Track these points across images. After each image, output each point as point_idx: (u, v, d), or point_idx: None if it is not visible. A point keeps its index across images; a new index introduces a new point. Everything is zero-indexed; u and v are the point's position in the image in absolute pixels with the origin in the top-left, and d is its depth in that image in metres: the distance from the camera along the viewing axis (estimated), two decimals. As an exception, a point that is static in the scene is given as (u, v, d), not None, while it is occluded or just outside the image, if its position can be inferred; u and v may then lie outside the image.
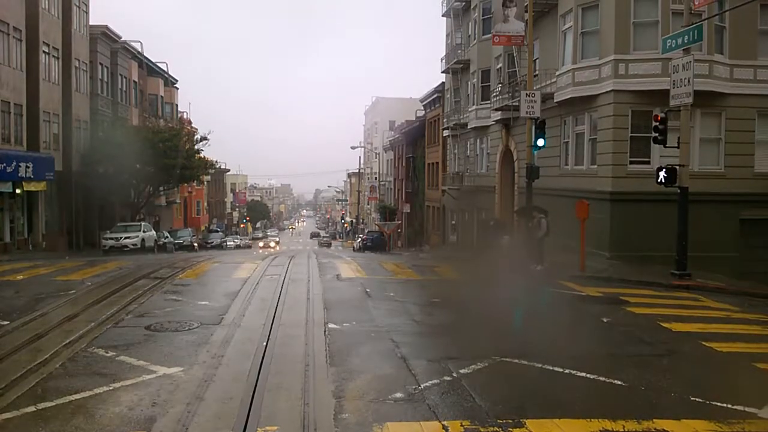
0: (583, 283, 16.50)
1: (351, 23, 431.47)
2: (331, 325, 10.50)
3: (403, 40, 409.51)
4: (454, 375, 7.77)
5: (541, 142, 20.23)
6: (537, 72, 27.19)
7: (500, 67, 31.68)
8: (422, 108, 57.42)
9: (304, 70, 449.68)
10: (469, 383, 7.47)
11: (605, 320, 11.86)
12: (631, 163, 21.27)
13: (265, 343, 9.20)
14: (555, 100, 24.15)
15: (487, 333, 10.42)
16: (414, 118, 63.13)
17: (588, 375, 8.00)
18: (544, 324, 11.48)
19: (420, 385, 7.34)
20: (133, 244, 33.86)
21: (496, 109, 30.56)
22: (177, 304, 12.52)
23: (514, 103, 27.50)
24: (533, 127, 20.64)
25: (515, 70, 29.29)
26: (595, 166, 22.32)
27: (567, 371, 8.11)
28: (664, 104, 18.89)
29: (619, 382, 7.79)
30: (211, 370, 7.90)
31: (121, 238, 34.00)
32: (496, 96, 30.76)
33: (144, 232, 35.65)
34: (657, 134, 17.45)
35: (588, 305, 13.51)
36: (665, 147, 17.55)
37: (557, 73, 24.15)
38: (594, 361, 8.80)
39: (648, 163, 21.09)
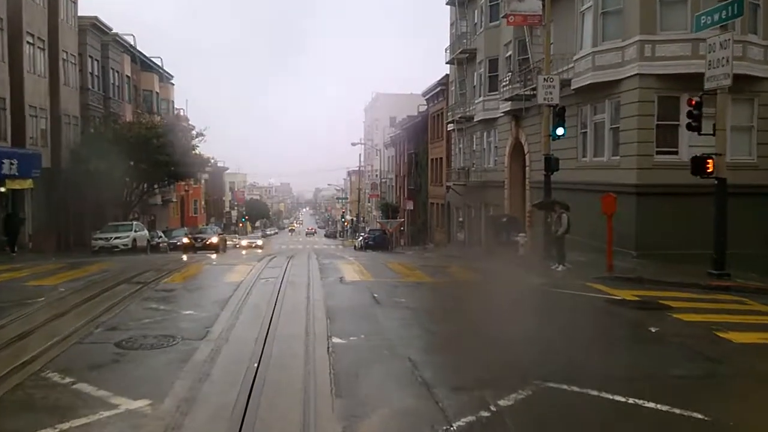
0: (614, 285, 14.85)
1: (350, 19, 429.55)
2: (335, 340, 8.87)
3: (402, 35, 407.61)
4: (493, 408, 6.13)
5: (560, 131, 18.64)
6: (551, 58, 25.53)
7: (510, 55, 30.03)
8: (424, 102, 55.72)
9: (303, 68, 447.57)
10: (514, 421, 5.85)
11: (653, 330, 10.22)
12: (658, 153, 19.64)
13: (256, 365, 7.58)
14: (572, 87, 22.50)
15: (521, 349, 8.80)
16: (416, 114, 61.42)
17: (659, 406, 6.36)
18: (585, 335, 9.87)
19: (452, 425, 5.72)
20: (123, 245, 32.24)
21: (506, 99, 28.91)
22: (157, 314, 10.89)
23: (526, 92, 25.88)
24: (551, 115, 19.00)
25: (527, 57, 27.65)
26: (618, 158, 20.68)
27: (631, 401, 6.48)
28: (693, 89, 17.35)
29: (699, 416, 6.16)
30: (186, 404, 6.27)
31: (111, 238, 32.37)
32: (506, 86, 29.11)
33: (135, 231, 34.02)
34: (691, 120, 15.81)
35: (627, 311, 11.87)
36: (699, 134, 15.91)
37: (574, 58, 22.50)
38: (658, 385, 7.17)
39: (676, 153, 19.49)
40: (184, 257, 26.42)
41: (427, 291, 14.03)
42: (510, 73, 28.80)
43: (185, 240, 38.37)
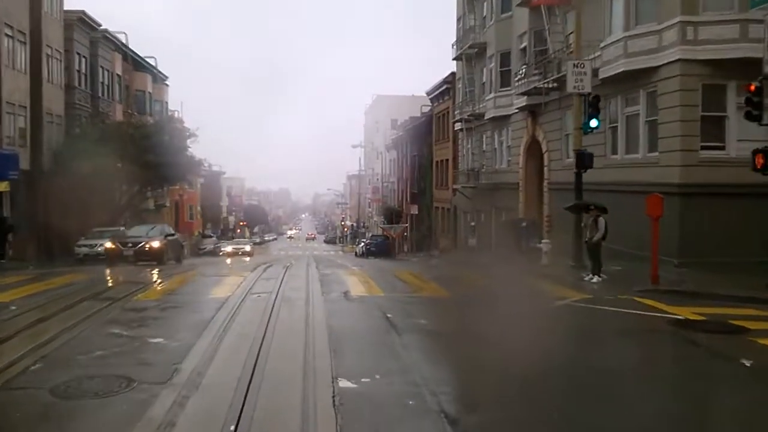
0: (667, 301, 12.58)
1: (349, 21, 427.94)
2: (342, 384, 6.61)
3: (402, 37, 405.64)
4: None
5: (594, 122, 16.50)
6: (570, 48, 23.36)
7: (524, 47, 27.85)
8: (427, 103, 53.53)
9: (302, 72, 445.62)
10: None
11: (747, 363, 8.00)
12: (702, 148, 17.41)
13: (233, 428, 5.35)
14: (599, 77, 20.24)
15: (595, 398, 6.55)
16: (419, 114, 59.17)
17: None
18: (667, 375, 7.63)
19: None
20: (109, 252, 29.95)
21: (522, 93, 26.70)
22: (117, 342, 8.64)
23: (546, 85, 23.67)
24: (583, 105, 16.79)
25: (545, 48, 25.49)
26: (656, 154, 18.46)
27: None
28: (741, 77, 15.18)
29: None
30: None
31: (96, 245, 30.08)
32: (521, 79, 26.91)
33: (123, 238, 31.65)
34: (751, 108, 13.59)
35: (700, 337, 9.61)
36: (761, 125, 13.68)
37: (602, 45, 20.29)
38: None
39: (722, 148, 17.29)
40: (108, 273, 19.13)
41: (449, 309, 11.77)
42: (525, 66, 26.59)
43: (108, 245, 25.05)
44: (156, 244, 24.66)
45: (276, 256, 63.63)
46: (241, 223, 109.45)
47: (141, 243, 24.52)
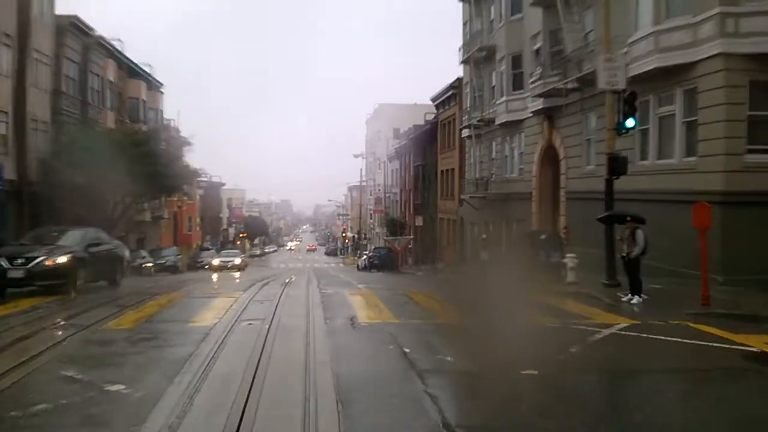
0: (727, 327, 10.72)
1: (349, 29, 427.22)
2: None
3: (405, 45, 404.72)
4: None
5: (631, 122, 14.75)
6: (590, 46, 21.68)
7: (538, 48, 26.17)
8: (432, 110, 51.85)
9: (304, 83, 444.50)
10: None
11: None
12: (749, 151, 15.63)
13: None
14: (628, 75, 18.46)
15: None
16: (423, 123, 57.42)
17: None
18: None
19: None
20: (97, 268, 28.07)
21: (538, 96, 24.97)
22: (67, 391, 6.81)
23: (566, 86, 21.95)
24: (617, 104, 15.02)
25: (560, 49, 23.81)
26: (694, 158, 16.69)
27: None
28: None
29: None
30: None
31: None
32: (536, 81, 25.19)
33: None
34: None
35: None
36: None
37: (629, 40, 18.54)
38: None
39: (771, 151, 15.51)
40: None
41: (477, 340, 9.89)
42: (541, 67, 24.87)
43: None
44: (62, 259, 15.50)
45: (275, 269, 61.85)
46: (242, 235, 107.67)
47: (37, 259, 15.35)
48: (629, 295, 13.78)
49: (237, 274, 33.45)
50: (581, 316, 11.76)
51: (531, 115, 27.23)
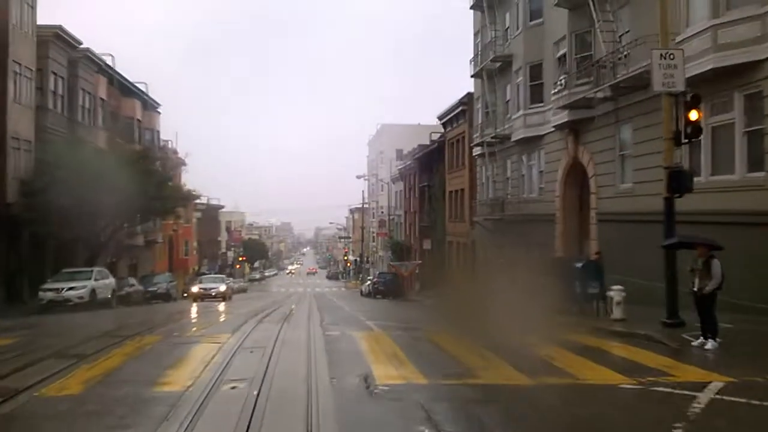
0: None
1: (351, 52, 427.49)
2: None
3: (407, 66, 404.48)
4: None
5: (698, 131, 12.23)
6: (623, 50, 19.41)
7: (562, 55, 23.89)
8: (438, 130, 49.67)
9: (305, 106, 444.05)
10: None
11: None
12: (833, 164, 13.23)
13: None
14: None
15: None
16: (428, 142, 55.15)
17: None
18: None
19: None
20: (79, 297, 25.81)
21: (562, 107, 22.65)
22: None
23: (597, 94, 19.64)
24: (674, 108, 12.62)
25: (589, 54, 21.56)
26: (761, 174, 14.27)
27: None
28: None
29: None
30: None
31: (63, 289, 25.91)
32: (560, 91, 22.85)
33: (96, 280, 27.54)
34: None
35: None
36: None
37: (678, 39, 16.20)
38: None
39: None
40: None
41: (543, 413, 7.34)
42: (566, 76, 22.56)
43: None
44: None
45: (275, 293, 59.13)
46: (241, 258, 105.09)
47: None
48: (701, 339, 11.27)
49: (221, 306, 29.05)
50: (657, 370, 9.22)
51: (553, 129, 24.87)
